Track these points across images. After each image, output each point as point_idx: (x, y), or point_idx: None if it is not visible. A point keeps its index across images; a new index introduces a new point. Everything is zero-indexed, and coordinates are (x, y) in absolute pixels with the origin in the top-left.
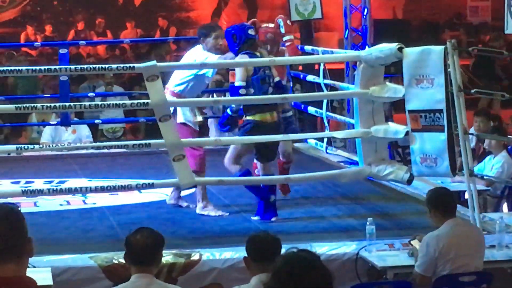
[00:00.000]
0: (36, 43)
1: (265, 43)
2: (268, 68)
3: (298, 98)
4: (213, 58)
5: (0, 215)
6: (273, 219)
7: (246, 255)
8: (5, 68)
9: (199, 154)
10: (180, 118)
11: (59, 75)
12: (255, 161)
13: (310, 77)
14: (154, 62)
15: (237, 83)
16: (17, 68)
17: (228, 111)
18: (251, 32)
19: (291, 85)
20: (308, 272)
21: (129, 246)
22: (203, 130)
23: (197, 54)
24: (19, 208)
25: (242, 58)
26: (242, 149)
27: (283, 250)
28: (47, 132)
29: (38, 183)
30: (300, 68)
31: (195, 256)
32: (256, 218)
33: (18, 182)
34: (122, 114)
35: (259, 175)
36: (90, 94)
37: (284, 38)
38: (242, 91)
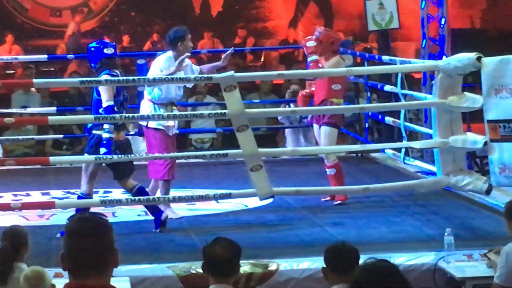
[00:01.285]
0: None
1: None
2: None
3: (375, 108)
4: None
5: (89, 229)
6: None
7: (324, 266)
8: (85, 79)
9: (169, 162)
10: (152, 123)
11: (137, 86)
12: None
13: (387, 87)
14: (231, 73)
15: (108, 103)
16: (97, 79)
17: (107, 135)
18: (107, 51)
19: (368, 95)
20: (387, 282)
21: (207, 257)
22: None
23: (160, 61)
24: (107, 218)
25: (106, 77)
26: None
27: (361, 261)
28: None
29: (116, 193)
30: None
31: (273, 266)
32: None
33: (96, 192)
34: (213, 124)
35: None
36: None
37: (308, 59)
38: (116, 108)
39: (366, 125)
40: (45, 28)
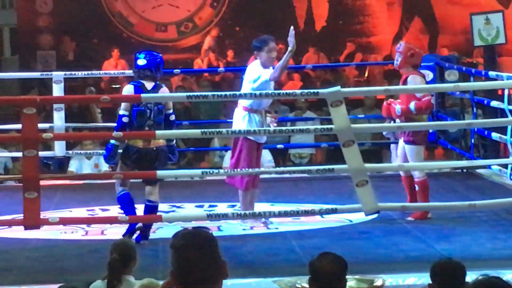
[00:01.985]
0: (219, 69)
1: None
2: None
3: (482, 124)
4: (266, 73)
5: (197, 243)
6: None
7: (430, 282)
8: (192, 94)
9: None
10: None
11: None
12: None
13: (494, 103)
14: (338, 88)
15: (121, 112)
16: (203, 93)
17: (113, 141)
18: (139, 62)
19: (474, 110)
20: None
21: (313, 272)
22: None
23: (253, 70)
24: (209, 230)
25: (127, 87)
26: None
27: (468, 277)
28: (229, 156)
29: (222, 207)
30: None
31: (378, 282)
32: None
33: (202, 206)
34: (312, 139)
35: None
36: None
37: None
38: (125, 119)
39: (472, 141)
40: (151, 43)
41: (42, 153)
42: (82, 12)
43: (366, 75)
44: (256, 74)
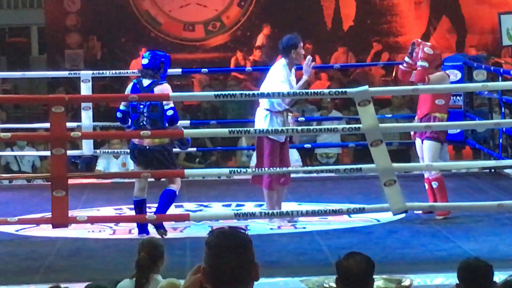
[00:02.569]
0: (247, 68)
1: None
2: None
3: (510, 124)
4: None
5: (231, 243)
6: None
7: (458, 282)
8: (220, 93)
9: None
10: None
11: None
12: None
13: None
14: (366, 87)
15: (121, 107)
16: (231, 92)
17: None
18: (142, 61)
19: (503, 110)
20: None
21: (341, 271)
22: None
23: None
24: (246, 232)
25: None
26: None
27: (496, 277)
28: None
29: (249, 206)
30: None
31: (406, 282)
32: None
33: (229, 205)
34: (338, 139)
35: None
36: (300, 118)
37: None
38: (119, 114)
39: (500, 140)
40: (178, 42)
41: (70, 152)
42: (109, 11)
43: (393, 74)
44: (277, 80)
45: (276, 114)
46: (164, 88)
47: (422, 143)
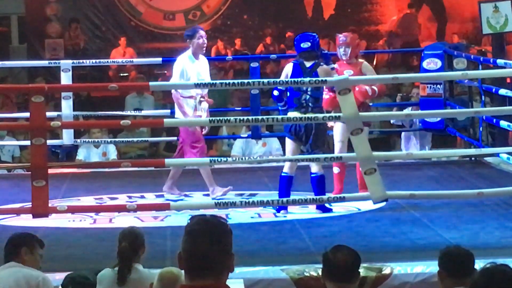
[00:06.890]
0: (227, 57)
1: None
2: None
3: (490, 112)
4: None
5: (208, 230)
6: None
7: (439, 269)
8: (199, 82)
9: (198, 149)
10: (178, 115)
11: (250, 89)
12: None
13: (502, 91)
14: (346, 76)
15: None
16: (211, 82)
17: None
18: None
19: (483, 98)
20: (507, 286)
21: (328, 264)
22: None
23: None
24: (227, 222)
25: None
26: None
27: (479, 265)
28: (237, 145)
29: (229, 195)
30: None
31: (387, 270)
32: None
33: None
34: None
35: None
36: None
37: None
38: (275, 92)
39: (480, 129)
40: (159, 31)
41: (50, 142)
42: (90, 0)
43: (374, 63)
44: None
45: (187, 99)
46: (326, 70)
47: None
